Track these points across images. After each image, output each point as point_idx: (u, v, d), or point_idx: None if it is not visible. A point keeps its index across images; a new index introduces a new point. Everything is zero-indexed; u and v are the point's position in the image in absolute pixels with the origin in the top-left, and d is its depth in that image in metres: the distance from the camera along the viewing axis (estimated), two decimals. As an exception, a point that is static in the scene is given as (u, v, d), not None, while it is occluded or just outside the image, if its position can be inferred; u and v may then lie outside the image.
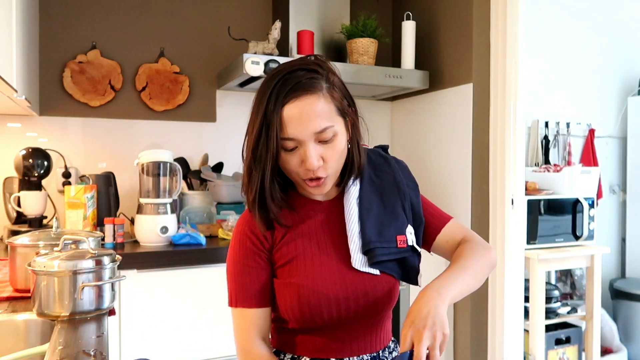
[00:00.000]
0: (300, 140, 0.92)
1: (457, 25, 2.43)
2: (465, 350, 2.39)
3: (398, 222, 1.04)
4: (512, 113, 2.22)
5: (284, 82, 0.92)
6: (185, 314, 1.93)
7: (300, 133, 0.92)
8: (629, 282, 3.31)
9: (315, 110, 0.92)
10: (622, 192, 3.55)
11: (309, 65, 0.95)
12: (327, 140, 0.94)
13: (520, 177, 2.27)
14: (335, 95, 0.95)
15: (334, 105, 0.95)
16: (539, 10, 3.14)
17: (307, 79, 0.93)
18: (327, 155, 0.94)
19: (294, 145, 0.93)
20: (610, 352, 3.06)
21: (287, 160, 0.95)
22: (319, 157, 0.94)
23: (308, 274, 0.99)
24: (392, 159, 1.11)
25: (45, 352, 0.94)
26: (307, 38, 2.41)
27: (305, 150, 0.93)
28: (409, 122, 2.82)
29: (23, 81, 1.74)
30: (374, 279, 1.00)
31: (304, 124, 0.91)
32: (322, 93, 0.93)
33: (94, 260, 1.14)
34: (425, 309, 0.85)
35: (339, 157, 0.97)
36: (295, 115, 0.91)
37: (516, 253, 2.27)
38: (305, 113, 0.91)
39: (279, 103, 0.91)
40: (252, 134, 0.94)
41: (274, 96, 0.91)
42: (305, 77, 0.93)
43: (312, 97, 0.92)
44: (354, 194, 1.04)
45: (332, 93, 0.95)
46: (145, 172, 2.06)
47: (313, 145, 0.93)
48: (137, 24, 2.49)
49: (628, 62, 3.55)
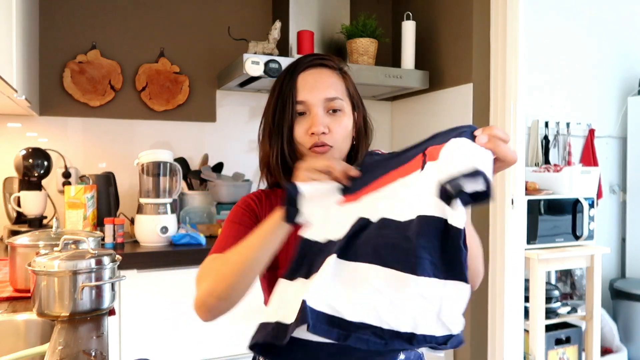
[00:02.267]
0: (310, 104, 0.99)
1: (457, 25, 2.43)
2: (466, 350, 2.39)
3: None
4: (512, 113, 2.22)
5: (302, 58, 1.03)
6: (185, 314, 1.93)
7: (310, 97, 0.99)
8: (629, 282, 3.31)
9: (328, 80, 1.01)
10: (622, 192, 3.55)
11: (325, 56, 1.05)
12: (335, 111, 1.00)
13: (520, 177, 2.27)
14: (347, 80, 1.05)
15: (345, 87, 1.03)
16: (539, 10, 3.14)
17: (324, 59, 1.04)
18: (333, 126, 0.99)
19: (304, 110, 0.99)
20: (610, 352, 3.05)
21: (296, 126, 0.99)
22: (325, 125, 0.98)
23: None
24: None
25: (45, 352, 0.94)
26: (307, 38, 2.41)
27: (314, 115, 0.98)
28: (409, 122, 2.82)
29: (23, 81, 1.74)
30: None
31: (315, 89, 0.99)
32: (336, 72, 1.03)
33: (94, 260, 1.15)
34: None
35: (343, 133, 1.00)
36: (309, 80, 1.00)
37: (516, 253, 2.27)
38: (319, 80, 1.00)
39: (297, 72, 1.01)
40: (271, 100, 1.02)
41: (292, 67, 1.02)
42: (322, 58, 1.04)
43: (327, 70, 1.02)
44: None
45: (345, 78, 1.04)
46: (145, 172, 2.07)
47: (321, 111, 0.99)
48: (137, 24, 2.49)
49: (628, 62, 3.55)
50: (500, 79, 2.25)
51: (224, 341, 1.96)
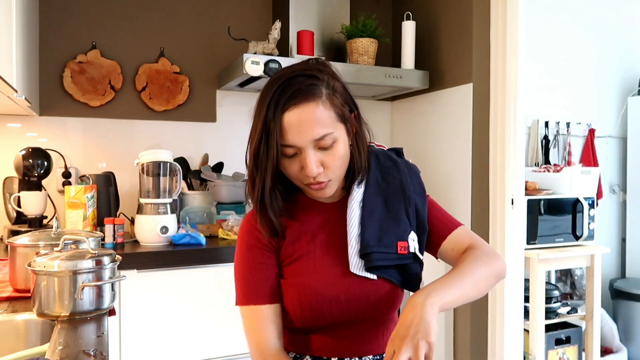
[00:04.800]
0: (299, 147, 0.93)
1: (457, 25, 2.43)
2: (465, 351, 2.39)
3: (400, 227, 1.02)
4: (512, 113, 2.22)
5: (283, 89, 0.92)
6: (185, 314, 1.93)
7: (299, 140, 0.92)
8: (629, 282, 3.31)
9: (314, 117, 0.92)
10: (622, 192, 3.55)
11: (310, 71, 0.95)
12: (327, 147, 0.94)
13: (520, 177, 2.27)
14: (335, 102, 0.95)
15: (334, 112, 0.94)
16: (539, 10, 3.14)
17: (307, 86, 0.92)
18: (327, 162, 0.95)
19: (294, 152, 0.94)
20: (610, 352, 3.05)
21: (288, 166, 0.96)
22: (319, 164, 0.94)
23: (310, 275, 0.99)
24: (402, 163, 1.09)
25: (45, 352, 0.94)
26: (307, 38, 2.41)
27: (305, 157, 0.93)
28: (409, 122, 2.82)
29: (23, 81, 1.74)
30: (372, 283, 0.99)
31: (303, 131, 0.91)
32: (322, 100, 0.93)
33: (94, 260, 1.14)
34: (409, 316, 0.81)
35: (340, 163, 0.97)
36: (295, 122, 0.91)
37: (516, 253, 2.27)
38: (305, 120, 0.91)
39: (279, 110, 0.91)
40: (253, 140, 0.95)
41: (273, 103, 0.92)
42: (304, 83, 0.92)
43: (311, 104, 0.92)
44: (357, 197, 1.04)
45: (332, 99, 0.94)
46: (145, 172, 2.06)
47: (312, 151, 0.93)
48: (137, 24, 2.49)
49: (628, 62, 3.55)
50: (500, 79, 2.25)
51: (224, 341, 1.96)
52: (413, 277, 1.03)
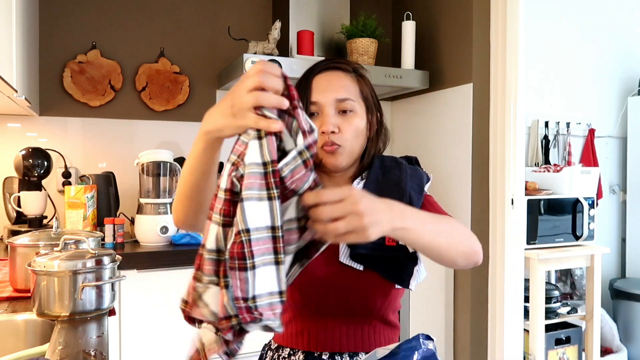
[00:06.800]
0: (321, 104, 1.02)
1: (457, 25, 2.43)
2: (465, 351, 2.39)
3: None
4: (512, 113, 2.22)
5: (319, 62, 1.07)
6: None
7: (322, 98, 1.02)
8: (629, 282, 3.31)
9: (340, 82, 1.04)
10: (622, 192, 3.55)
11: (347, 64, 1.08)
12: (346, 112, 1.02)
13: (520, 177, 2.27)
14: (362, 84, 1.06)
15: (359, 89, 1.05)
16: (539, 10, 3.14)
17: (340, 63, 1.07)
18: (343, 126, 1.02)
19: (316, 110, 1.03)
20: (610, 352, 3.06)
21: None
22: (336, 125, 1.01)
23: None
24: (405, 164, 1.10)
25: (45, 352, 0.94)
26: (307, 38, 2.41)
27: (324, 115, 1.02)
28: (409, 122, 2.83)
29: (23, 81, 1.74)
30: (361, 274, 1.00)
31: (327, 90, 1.03)
32: (351, 75, 1.06)
33: (94, 260, 1.14)
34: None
35: (353, 134, 1.03)
36: (323, 82, 1.03)
37: (516, 253, 2.27)
38: (331, 82, 1.03)
39: (312, 75, 1.05)
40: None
41: (309, 70, 1.07)
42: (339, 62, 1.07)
43: (340, 72, 1.06)
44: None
45: (360, 81, 1.06)
46: (145, 172, 2.07)
47: (332, 111, 1.02)
48: (137, 24, 2.49)
49: (628, 62, 3.55)
50: (500, 79, 2.25)
51: (224, 341, 1.96)
52: (402, 271, 1.03)
